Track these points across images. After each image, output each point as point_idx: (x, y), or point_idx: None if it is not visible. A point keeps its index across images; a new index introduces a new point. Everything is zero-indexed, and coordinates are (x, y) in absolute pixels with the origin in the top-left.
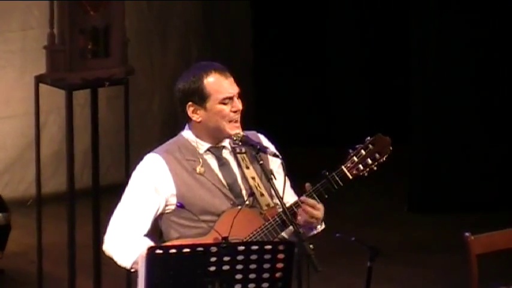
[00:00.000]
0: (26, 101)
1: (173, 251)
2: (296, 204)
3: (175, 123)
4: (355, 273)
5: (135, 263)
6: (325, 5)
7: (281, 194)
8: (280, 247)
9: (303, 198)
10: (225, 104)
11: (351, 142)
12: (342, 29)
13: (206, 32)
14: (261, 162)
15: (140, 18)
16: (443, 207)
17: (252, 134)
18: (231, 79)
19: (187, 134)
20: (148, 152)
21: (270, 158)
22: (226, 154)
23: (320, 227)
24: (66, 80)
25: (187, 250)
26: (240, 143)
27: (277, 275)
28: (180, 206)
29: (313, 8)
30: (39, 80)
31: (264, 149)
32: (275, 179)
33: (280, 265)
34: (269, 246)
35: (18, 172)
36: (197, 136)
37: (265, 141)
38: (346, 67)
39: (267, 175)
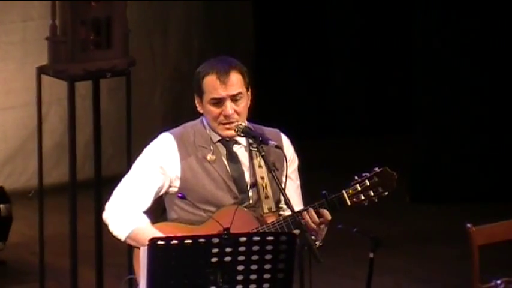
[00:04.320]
0: (27, 92)
1: (175, 242)
2: (305, 210)
3: (177, 114)
4: (357, 264)
5: (129, 237)
6: None
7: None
8: (282, 238)
9: (310, 210)
10: (214, 105)
11: (352, 134)
12: (342, 20)
13: (207, 23)
14: (263, 153)
15: (141, 9)
16: (445, 198)
17: (275, 133)
18: (230, 81)
19: (204, 120)
20: (165, 130)
21: (290, 161)
22: (238, 149)
23: (318, 243)
24: (68, 71)
25: (189, 241)
26: (242, 134)
27: (279, 266)
28: (182, 196)
29: None
30: (41, 71)
31: (266, 141)
32: (277, 170)
33: (282, 256)
34: (271, 238)
35: (19, 163)
36: (209, 125)
37: (285, 142)
38: (347, 58)
39: (269, 166)
